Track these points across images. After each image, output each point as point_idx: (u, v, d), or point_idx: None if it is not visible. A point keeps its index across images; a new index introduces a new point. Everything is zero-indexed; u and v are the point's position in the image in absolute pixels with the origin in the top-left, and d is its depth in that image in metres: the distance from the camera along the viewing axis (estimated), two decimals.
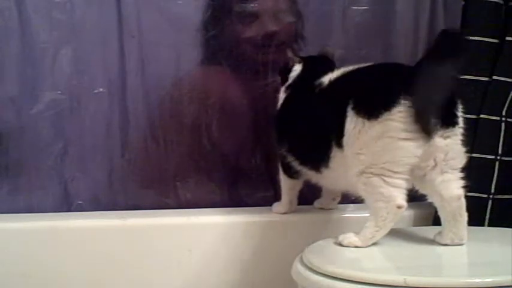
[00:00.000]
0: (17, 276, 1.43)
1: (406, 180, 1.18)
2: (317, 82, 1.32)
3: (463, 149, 1.22)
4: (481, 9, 1.46)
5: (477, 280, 1.01)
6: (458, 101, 1.22)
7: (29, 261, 1.44)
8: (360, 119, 1.18)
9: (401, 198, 1.17)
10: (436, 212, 1.27)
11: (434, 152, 1.18)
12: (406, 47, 1.63)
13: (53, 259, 1.45)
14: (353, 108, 1.19)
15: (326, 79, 1.31)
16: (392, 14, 1.64)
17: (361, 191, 1.21)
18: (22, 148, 1.53)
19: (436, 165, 1.19)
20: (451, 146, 1.19)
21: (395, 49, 1.64)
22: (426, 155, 1.18)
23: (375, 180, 1.18)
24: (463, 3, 1.50)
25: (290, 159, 1.39)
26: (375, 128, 1.16)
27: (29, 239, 1.45)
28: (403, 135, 1.15)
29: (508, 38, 1.45)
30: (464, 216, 1.21)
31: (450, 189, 1.20)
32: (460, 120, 1.21)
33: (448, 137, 1.19)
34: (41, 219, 1.50)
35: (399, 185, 1.18)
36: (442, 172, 1.20)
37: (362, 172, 1.19)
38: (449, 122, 1.18)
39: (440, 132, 1.17)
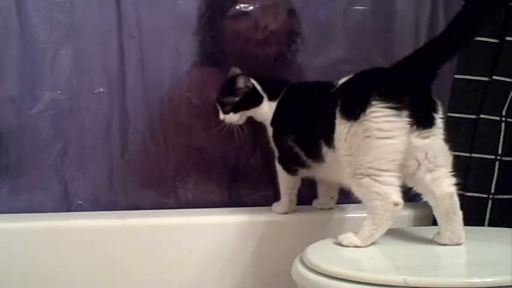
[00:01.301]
0: (17, 276, 1.43)
1: (397, 177, 1.20)
2: (335, 83, 1.33)
3: (446, 147, 1.23)
4: None
5: (477, 280, 1.02)
6: (437, 102, 1.24)
7: (29, 261, 1.44)
8: (345, 121, 1.22)
9: (396, 195, 1.19)
10: None
11: (414, 152, 1.21)
12: (406, 47, 1.63)
13: (53, 259, 1.45)
14: (339, 111, 1.23)
15: (341, 81, 1.33)
16: (392, 13, 1.64)
17: (356, 192, 1.23)
18: (22, 148, 1.53)
19: (419, 164, 1.22)
20: (430, 145, 1.21)
21: (396, 49, 1.64)
22: (407, 155, 1.20)
23: (366, 180, 1.20)
24: (463, 3, 1.49)
25: (296, 149, 1.40)
26: (356, 129, 1.20)
27: (29, 239, 1.45)
28: (380, 134, 1.18)
29: (508, 38, 1.45)
30: (459, 214, 1.21)
31: (441, 187, 1.21)
32: (438, 121, 1.23)
33: (426, 137, 1.21)
34: (41, 219, 1.50)
35: (391, 182, 1.19)
36: (429, 170, 1.22)
37: (354, 174, 1.22)
38: (425, 123, 1.21)
39: (416, 133, 1.20)
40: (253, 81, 1.47)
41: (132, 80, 1.56)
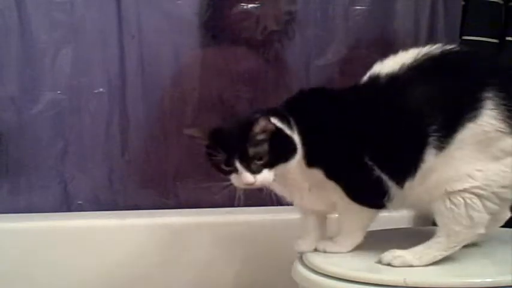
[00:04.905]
0: (17, 276, 1.43)
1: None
2: (372, 75, 1.09)
3: None
4: (481, 9, 1.46)
5: (477, 280, 1.01)
6: None
7: (29, 261, 1.44)
8: (499, 121, 0.94)
9: (485, 226, 1.04)
10: None
11: None
12: (405, 48, 1.63)
13: (53, 259, 1.45)
14: (493, 99, 0.94)
15: (385, 68, 1.10)
16: (392, 14, 1.64)
17: (441, 207, 1.01)
18: (22, 148, 1.53)
19: None
20: None
21: (395, 49, 1.63)
22: None
23: (475, 202, 0.99)
24: (463, 3, 1.50)
25: (377, 172, 1.04)
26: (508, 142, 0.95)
27: (29, 239, 1.45)
28: None
29: (508, 38, 1.45)
30: None
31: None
32: None
33: None
34: (41, 219, 1.50)
35: (494, 211, 1.02)
36: None
37: (464, 190, 0.98)
38: None
39: None
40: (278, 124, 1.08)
41: (132, 80, 1.56)
